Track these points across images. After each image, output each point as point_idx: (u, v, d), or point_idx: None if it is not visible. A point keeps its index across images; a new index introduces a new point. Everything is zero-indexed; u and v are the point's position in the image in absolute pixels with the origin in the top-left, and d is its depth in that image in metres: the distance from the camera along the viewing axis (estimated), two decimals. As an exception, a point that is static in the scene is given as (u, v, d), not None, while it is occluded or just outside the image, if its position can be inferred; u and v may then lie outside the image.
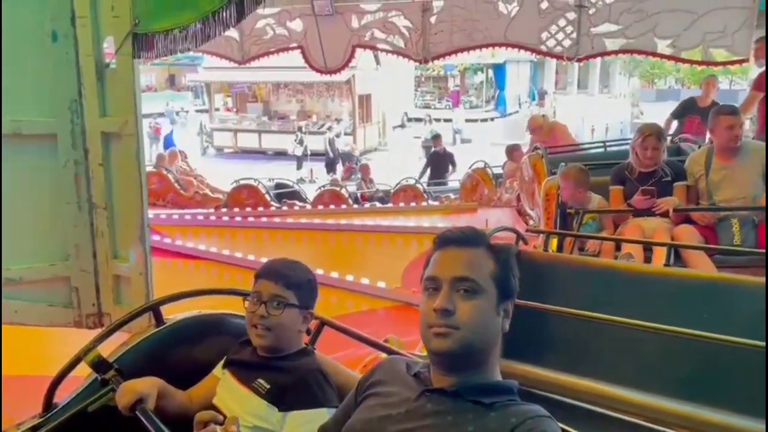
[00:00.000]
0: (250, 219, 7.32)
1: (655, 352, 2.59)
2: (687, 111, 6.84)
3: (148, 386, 1.64)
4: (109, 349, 1.91)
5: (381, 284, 4.79)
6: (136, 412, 1.56)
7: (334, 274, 4.96)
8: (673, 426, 2.41)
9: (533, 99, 30.18)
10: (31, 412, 1.83)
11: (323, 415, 1.57)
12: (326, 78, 10.48)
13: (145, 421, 1.51)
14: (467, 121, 25.89)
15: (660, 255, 3.20)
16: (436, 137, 12.89)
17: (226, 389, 1.73)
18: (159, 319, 1.97)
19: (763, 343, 2.04)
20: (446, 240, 1.30)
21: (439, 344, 1.22)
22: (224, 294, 2.05)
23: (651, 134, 3.84)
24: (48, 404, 1.80)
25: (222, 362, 1.82)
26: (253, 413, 1.62)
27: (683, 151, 5.22)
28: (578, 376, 2.72)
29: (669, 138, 5.74)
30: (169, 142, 20.22)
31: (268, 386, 1.63)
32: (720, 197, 3.69)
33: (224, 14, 2.21)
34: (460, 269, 1.24)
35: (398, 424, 1.22)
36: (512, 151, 9.21)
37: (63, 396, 1.85)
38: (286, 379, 1.63)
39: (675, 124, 6.92)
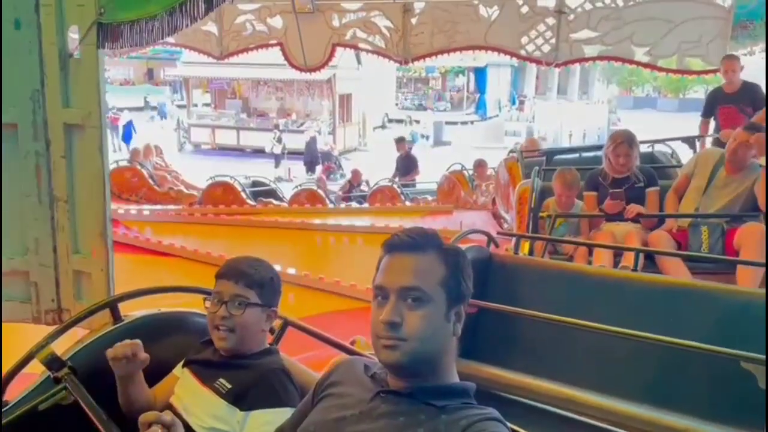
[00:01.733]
0: (224, 216, 7.23)
1: (622, 356, 2.60)
2: (716, 103, 5.72)
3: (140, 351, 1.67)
4: (65, 346, 1.86)
5: (354, 284, 4.76)
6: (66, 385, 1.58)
7: (307, 273, 4.92)
8: (637, 431, 2.42)
9: (513, 103, 30.42)
10: (-20, 410, 1.77)
11: (286, 414, 1.53)
12: (307, 76, 10.43)
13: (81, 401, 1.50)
14: (447, 123, 25.98)
15: (629, 259, 3.22)
16: (400, 141, 12.90)
17: (184, 388, 1.69)
18: (116, 317, 1.92)
19: (763, 357, 2.04)
20: (394, 245, 1.25)
21: (387, 356, 1.21)
22: (185, 292, 2.01)
23: (623, 141, 3.88)
24: (-2, 402, 1.75)
25: (182, 362, 1.78)
26: (211, 414, 1.58)
27: (656, 158, 5.28)
28: (546, 380, 2.72)
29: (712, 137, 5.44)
30: (127, 133, 19.95)
31: (229, 386, 1.60)
32: (712, 207, 3.70)
33: (192, 6, 2.16)
34: (407, 278, 1.21)
35: (352, 425, 1.21)
36: (478, 166, 9.32)
37: (15, 394, 1.79)
38: (248, 378, 1.60)
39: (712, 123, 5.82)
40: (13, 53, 2.38)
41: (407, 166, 12.01)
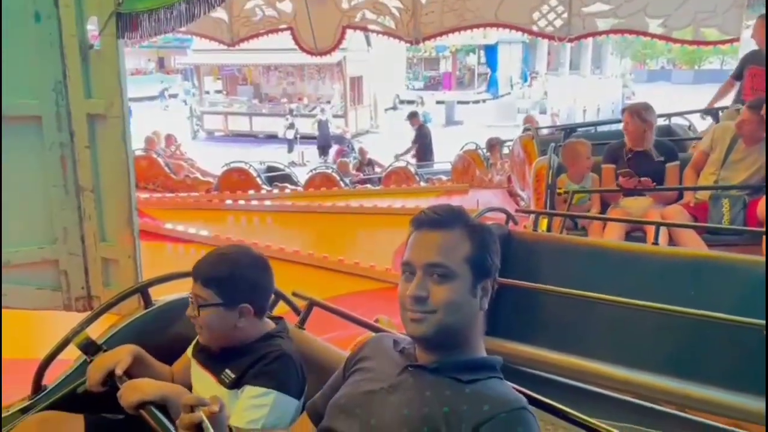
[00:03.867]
0: (241, 202, 7.29)
1: (642, 329, 2.62)
2: (747, 64, 5.10)
3: (117, 356, 1.62)
4: (98, 331, 1.91)
5: (373, 265, 4.81)
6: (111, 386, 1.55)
7: (326, 255, 4.96)
8: (660, 402, 2.44)
9: (525, 80, 30.10)
10: (21, 395, 1.84)
11: (280, 399, 1.51)
12: (317, 60, 10.39)
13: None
14: (459, 102, 25.81)
15: (651, 236, 3.22)
16: (413, 116, 12.86)
17: (197, 379, 1.71)
18: (147, 301, 1.97)
19: (763, 321, 2.05)
20: (421, 222, 1.29)
21: (414, 329, 1.24)
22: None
23: (625, 110, 3.90)
24: (37, 386, 1.80)
25: (191, 347, 1.78)
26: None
27: (673, 131, 5.23)
28: (567, 354, 2.74)
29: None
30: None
31: (233, 376, 1.59)
32: (732, 180, 3.68)
33: (209, -7, 2.19)
34: (432, 255, 1.24)
35: (381, 397, 1.25)
36: (492, 144, 9.29)
37: (52, 379, 1.85)
38: (247, 363, 1.59)
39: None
40: (35, 46, 2.42)
41: (416, 139, 12.10)
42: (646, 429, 2.39)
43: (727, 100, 5.42)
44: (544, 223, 3.89)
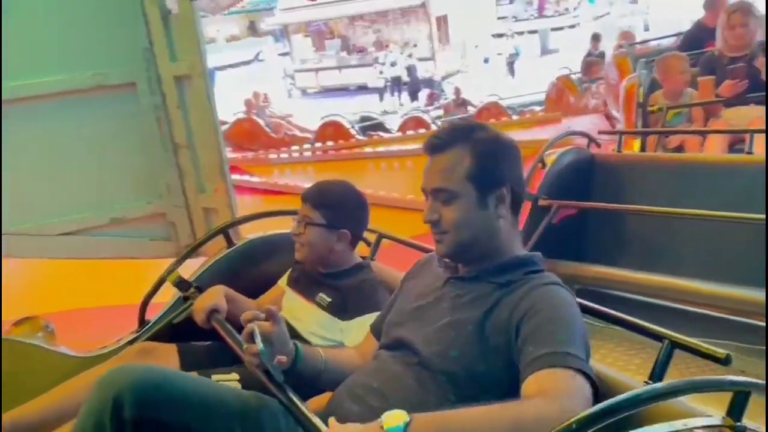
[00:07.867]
0: (341, 151, 7.49)
1: (738, 242, 2.50)
2: None
3: (216, 298, 1.80)
4: (189, 271, 2.11)
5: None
6: (213, 323, 1.74)
7: (411, 197, 5.05)
8: (756, 316, 2.34)
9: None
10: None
11: None
12: (400, 3, 10.23)
13: (220, 330, 1.67)
14: (553, 30, 24.47)
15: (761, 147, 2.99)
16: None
17: (290, 303, 1.88)
18: (230, 242, 2.16)
19: None
20: (426, 148, 1.34)
21: (438, 249, 1.34)
22: (284, 215, 2.15)
23: (736, 10, 3.54)
24: (141, 321, 2.05)
25: (286, 276, 1.97)
26: (318, 324, 1.76)
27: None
28: (658, 274, 2.67)
29: None
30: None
31: (329, 300, 1.76)
32: None
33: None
34: (435, 180, 1.30)
35: (427, 310, 1.34)
36: (589, 67, 8.74)
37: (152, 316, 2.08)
38: (343, 292, 1.76)
39: None
40: (120, 17, 2.61)
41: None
42: (747, 345, 2.31)
43: None
44: (636, 144, 3.73)
